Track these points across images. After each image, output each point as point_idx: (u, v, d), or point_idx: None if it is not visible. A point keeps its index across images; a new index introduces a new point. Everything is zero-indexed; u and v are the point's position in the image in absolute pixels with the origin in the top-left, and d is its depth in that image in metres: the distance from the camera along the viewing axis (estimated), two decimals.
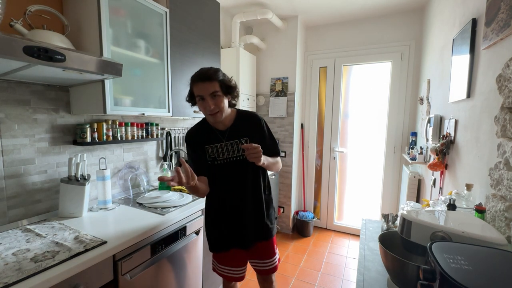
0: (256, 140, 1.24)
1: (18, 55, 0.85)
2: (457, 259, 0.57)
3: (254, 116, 1.35)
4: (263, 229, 1.35)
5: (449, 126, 1.55)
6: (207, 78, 1.15)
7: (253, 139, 1.27)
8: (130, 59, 1.43)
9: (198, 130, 1.34)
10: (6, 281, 0.82)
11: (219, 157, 1.27)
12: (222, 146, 1.27)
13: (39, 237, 1.13)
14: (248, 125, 1.31)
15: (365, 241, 1.19)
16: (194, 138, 1.32)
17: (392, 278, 0.85)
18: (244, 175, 1.29)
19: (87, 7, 1.28)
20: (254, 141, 1.23)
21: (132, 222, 1.34)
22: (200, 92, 1.16)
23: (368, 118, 3.03)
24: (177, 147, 2.22)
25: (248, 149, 1.13)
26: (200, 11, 1.95)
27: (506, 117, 0.91)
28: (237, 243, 1.33)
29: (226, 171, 1.28)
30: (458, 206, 1.07)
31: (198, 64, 1.95)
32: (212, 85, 1.15)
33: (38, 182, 1.36)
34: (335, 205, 3.24)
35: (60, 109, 1.42)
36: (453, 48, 1.55)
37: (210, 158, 1.28)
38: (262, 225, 1.34)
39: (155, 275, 1.32)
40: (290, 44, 2.95)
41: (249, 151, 1.13)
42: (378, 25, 2.80)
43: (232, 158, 1.27)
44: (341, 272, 2.38)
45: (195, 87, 1.17)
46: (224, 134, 1.28)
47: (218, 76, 1.17)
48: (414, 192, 2.25)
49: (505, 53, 0.97)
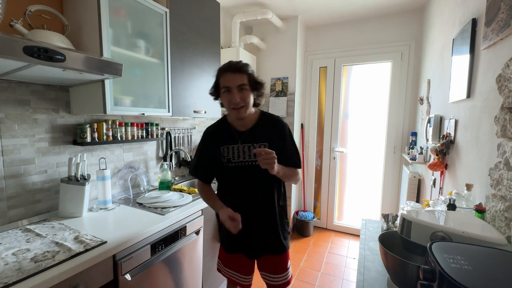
0: (276, 147, 1.13)
1: (18, 55, 0.85)
2: (457, 259, 0.57)
3: (278, 120, 1.24)
4: (273, 242, 1.25)
5: (449, 126, 1.55)
6: (237, 70, 1.09)
7: (272, 145, 1.16)
8: (130, 59, 1.43)
9: (217, 128, 1.27)
10: (6, 281, 0.82)
11: (234, 159, 1.19)
12: (238, 148, 1.19)
13: (39, 237, 1.13)
14: (270, 129, 1.21)
15: (365, 241, 1.19)
16: (212, 136, 1.26)
17: (392, 278, 0.85)
18: (257, 182, 1.20)
19: (87, 7, 1.28)
20: (273, 147, 1.11)
21: (132, 222, 1.34)
22: (227, 83, 1.10)
23: (368, 118, 3.03)
24: (177, 147, 2.22)
25: (260, 154, 1.04)
26: (200, 11, 1.95)
27: (506, 117, 0.91)
28: (243, 250, 1.27)
29: (239, 174, 1.20)
30: (458, 206, 1.07)
31: (198, 64, 1.96)
32: (241, 77, 1.10)
33: (38, 182, 1.36)
34: (335, 205, 3.24)
35: (60, 109, 1.42)
36: (453, 48, 1.55)
37: (225, 159, 1.21)
38: (272, 238, 1.24)
39: (155, 275, 1.32)
40: (290, 44, 2.95)
41: (262, 157, 1.04)
42: (378, 25, 2.80)
43: (247, 162, 1.18)
44: (341, 272, 2.38)
45: (223, 78, 1.11)
46: (242, 136, 1.20)
47: (247, 70, 1.12)
48: (414, 192, 2.25)
49: (505, 53, 0.97)
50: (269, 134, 1.20)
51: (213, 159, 1.24)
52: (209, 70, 2.09)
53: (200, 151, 1.29)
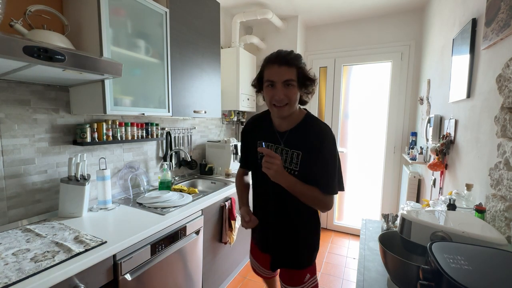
0: (307, 159, 1.00)
1: (18, 55, 0.85)
2: (457, 259, 0.57)
3: (322, 129, 1.03)
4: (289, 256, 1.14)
5: (449, 126, 1.55)
6: (285, 62, 0.95)
7: (305, 156, 1.01)
8: (130, 59, 1.43)
9: (260, 122, 1.16)
10: (6, 281, 0.82)
11: None
12: (278, 150, 1.06)
13: (39, 237, 1.13)
14: (309, 136, 1.02)
15: (365, 241, 1.19)
16: (251, 132, 1.18)
17: (392, 278, 0.85)
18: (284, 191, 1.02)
19: (87, 7, 1.28)
20: (305, 159, 1.00)
21: (132, 222, 1.34)
22: (272, 76, 0.97)
23: (368, 118, 3.03)
24: (177, 147, 2.22)
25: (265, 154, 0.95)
26: (200, 11, 1.95)
27: (506, 117, 0.91)
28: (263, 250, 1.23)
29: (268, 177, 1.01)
30: (458, 206, 1.07)
31: (198, 64, 1.96)
32: (290, 71, 0.96)
33: (38, 182, 1.36)
34: (335, 205, 3.24)
35: (60, 109, 1.42)
36: (453, 48, 1.55)
37: (259, 155, 1.10)
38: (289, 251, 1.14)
39: (155, 275, 1.32)
40: (290, 44, 2.95)
41: (265, 158, 0.95)
42: (378, 25, 2.80)
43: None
44: (341, 272, 2.38)
45: (268, 70, 0.98)
46: (283, 136, 1.07)
47: (298, 63, 0.98)
48: (414, 192, 2.25)
49: (505, 53, 0.97)
50: (307, 142, 1.01)
51: (252, 152, 1.16)
52: (209, 70, 2.09)
53: (242, 145, 1.26)
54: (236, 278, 2.22)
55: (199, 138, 2.54)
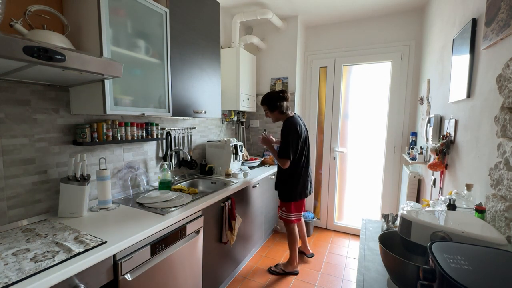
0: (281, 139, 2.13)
1: (18, 55, 0.85)
2: (457, 259, 0.57)
3: (284, 123, 2.12)
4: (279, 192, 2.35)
5: (449, 126, 1.55)
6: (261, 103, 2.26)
7: (280, 137, 2.13)
8: (130, 59, 1.43)
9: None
10: (6, 281, 0.82)
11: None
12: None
13: (39, 237, 1.13)
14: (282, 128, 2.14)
15: (365, 241, 1.19)
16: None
17: (392, 278, 0.85)
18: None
19: (87, 7, 1.28)
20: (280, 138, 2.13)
21: (132, 222, 1.34)
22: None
23: (368, 118, 3.03)
24: (177, 147, 2.22)
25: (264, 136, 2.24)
26: (200, 11, 1.95)
27: (506, 117, 0.91)
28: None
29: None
30: (458, 206, 1.07)
31: (198, 64, 1.96)
32: (264, 107, 2.21)
33: (38, 182, 1.36)
34: (335, 205, 3.24)
35: (60, 109, 1.42)
36: (453, 48, 1.55)
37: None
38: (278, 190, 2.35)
39: (155, 275, 1.32)
40: (290, 44, 2.95)
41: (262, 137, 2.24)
42: (378, 25, 2.80)
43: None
44: (341, 272, 2.38)
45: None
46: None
47: (266, 102, 2.16)
48: (414, 192, 2.25)
49: (505, 53, 0.97)
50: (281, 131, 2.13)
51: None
52: (209, 70, 2.09)
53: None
54: (236, 278, 2.22)
55: (199, 138, 2.54)
